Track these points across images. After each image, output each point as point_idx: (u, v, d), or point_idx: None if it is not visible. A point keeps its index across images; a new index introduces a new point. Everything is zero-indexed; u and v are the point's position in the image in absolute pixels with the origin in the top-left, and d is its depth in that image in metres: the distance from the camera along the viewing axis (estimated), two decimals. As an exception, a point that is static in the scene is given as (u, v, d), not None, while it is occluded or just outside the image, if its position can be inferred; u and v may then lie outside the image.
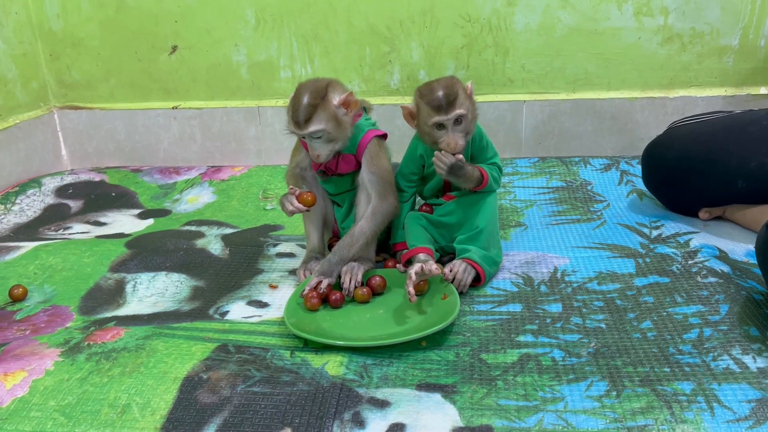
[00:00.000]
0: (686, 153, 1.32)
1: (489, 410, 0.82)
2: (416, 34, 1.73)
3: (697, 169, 1.31)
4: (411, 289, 1.02)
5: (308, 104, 1.05)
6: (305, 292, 1.07)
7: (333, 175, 1.17)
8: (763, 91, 1.69)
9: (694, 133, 1.34)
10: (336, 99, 1.07)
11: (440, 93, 1.08)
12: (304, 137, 1.09)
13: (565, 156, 1.74)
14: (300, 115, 1.05)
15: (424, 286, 1.08)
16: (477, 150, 1.18)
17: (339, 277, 1.10)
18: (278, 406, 0.84)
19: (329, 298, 1.06)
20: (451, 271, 1.09)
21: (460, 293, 1.08)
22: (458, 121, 1.09)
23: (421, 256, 1.11)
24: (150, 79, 1.85)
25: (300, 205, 1.08)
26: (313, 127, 1.06)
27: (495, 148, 1.21)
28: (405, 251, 1.15)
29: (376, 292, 1.09)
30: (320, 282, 1.07)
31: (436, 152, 1.10)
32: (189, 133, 1.87)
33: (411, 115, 1.14)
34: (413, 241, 1.15)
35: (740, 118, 1.33)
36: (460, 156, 1.10)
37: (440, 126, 1.10)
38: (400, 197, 1.19)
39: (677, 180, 1.35)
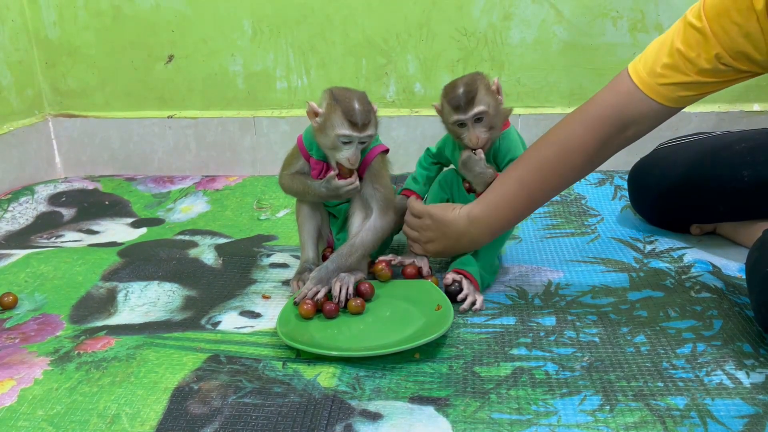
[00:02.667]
0: (665, 177, 1.33)
1: (482, 424, 0.81)
2: (412, 47, 1.74)
3: (677, 193, 1.32)
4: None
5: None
6: (299, 298, 1.06)
7: None
8: (756, 107, 1.70)
9: (673, 157, 1.35)
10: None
11: (459, 91, 1.09)
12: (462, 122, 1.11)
13: (560, 170, 1.74)
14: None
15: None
16: (501, 162, 1.17)
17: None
18: (269, 417, 0.83)
19: (324, 308, 1.06)
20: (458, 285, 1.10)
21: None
22: (479, 118, 1.10)
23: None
24: (145, 88, 1.85)
25: None
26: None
27: None
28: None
29: (364, 297, 1.09)
30: (317, 290, 1.07)
31: (470, 156, 1.12)
32: (184, 143, 1.87)
33: (439, 112, 1.16)
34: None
35: (716, 141, 1.33)
36: (481, 154, 1.12)
37: (462, 124, 1.11)
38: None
39: (660, 203, 1.36)
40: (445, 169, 1.27)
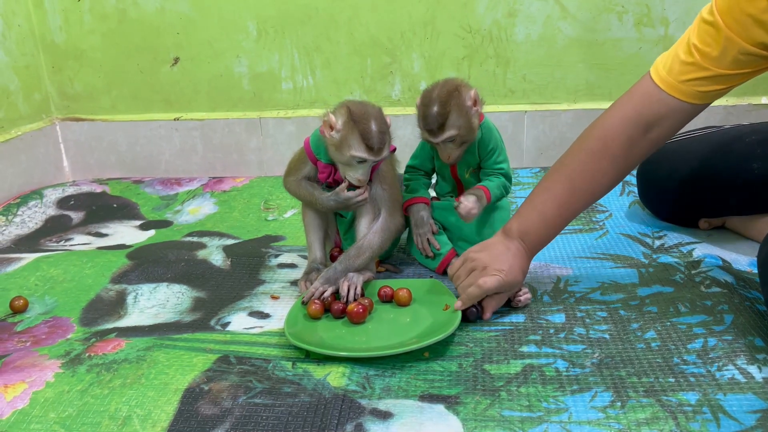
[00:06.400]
0: (675, 171, 1.33)
1: (492, 421, 0.81)
2: (417, 45, 1.74)
3: (687, 187, 1.31)
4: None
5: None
6: (306, 298, 1.07)
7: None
8: (764, 101, 1.69)
9: (682, 151, 1.34)
10: None
11: (431, 113, 1.09)
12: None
13: (567, 166, 1.74)
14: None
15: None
16: (483, 155, 1.18)
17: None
18: (280, 417, 0.83)
19: (332, 307, 1.06)
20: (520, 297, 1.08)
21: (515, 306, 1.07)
22: (450, 140, 1.11)
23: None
24: (151, 90, 1.86)
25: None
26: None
27: (506, 154, 1.20)
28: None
29: (401, 303, 1.08)
30: (324, 291, 1.07)
31: (457, 209, 1.11)
32: (190, 145, 1.87)
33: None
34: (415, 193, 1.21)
35: (726, 134, 1.32)
36: (471, 206, 1.10)
37: (434, 143, 1.13)
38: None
39: (669, 197, 1.35)
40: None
